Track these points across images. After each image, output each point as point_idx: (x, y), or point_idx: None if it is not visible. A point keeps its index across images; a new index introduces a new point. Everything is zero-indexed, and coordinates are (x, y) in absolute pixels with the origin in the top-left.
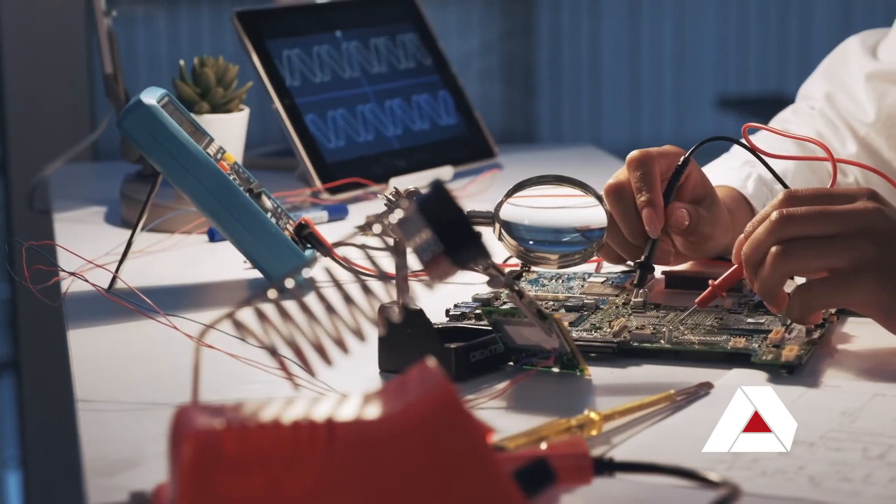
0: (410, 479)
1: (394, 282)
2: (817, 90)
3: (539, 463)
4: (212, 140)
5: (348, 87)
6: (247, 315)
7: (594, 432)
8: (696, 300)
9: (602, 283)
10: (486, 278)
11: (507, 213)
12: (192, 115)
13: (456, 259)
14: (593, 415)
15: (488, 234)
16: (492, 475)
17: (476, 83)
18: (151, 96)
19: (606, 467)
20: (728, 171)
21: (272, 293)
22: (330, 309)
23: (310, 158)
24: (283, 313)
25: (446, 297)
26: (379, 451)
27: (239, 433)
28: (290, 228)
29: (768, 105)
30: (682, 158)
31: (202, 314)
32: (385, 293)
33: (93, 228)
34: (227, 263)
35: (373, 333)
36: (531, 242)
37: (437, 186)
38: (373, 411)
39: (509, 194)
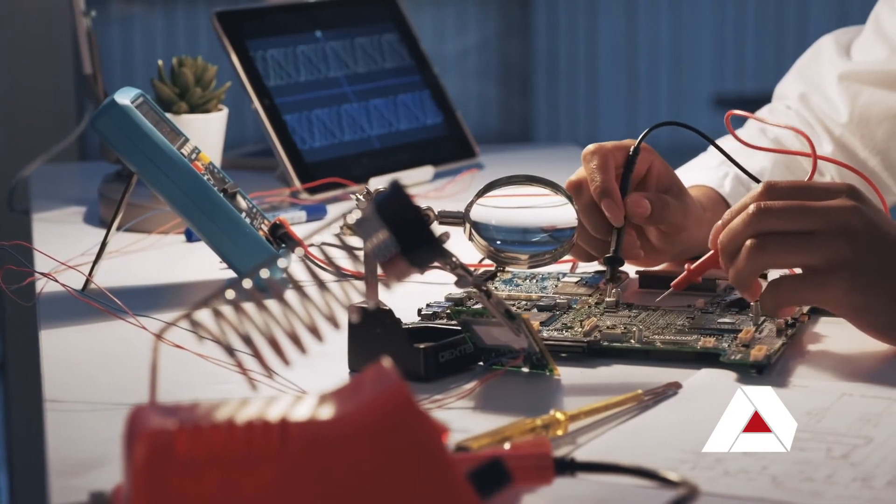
0: (364, 479)
1: (353, 281)
2: (792, 90)
3: (494, 463)
4: (187, 140)
5: (328, 88)
6: (208, 314)
7: (560, 432)
8: (672, 283)
9: (576, 282)
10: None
11: (478, 213)
12: (170, 115)
13: (413, 259)
14: (559, 415)
15: (459, 235)
16: (446, 475)
17: (473, 82)
18: (125, 96)
19: (568, 467)
20: (705, 171)
21: (230, 293)
22: (288, 307)
23: (289, 158)
24: (242, 312)
25: (419, 296)
26: (332, 451)
27: (192, 433)
28: (265, 228)
29: (765, 104)
30: (632, 148)
31: (177, 315)
32: (342, 292)
33: (71, 228)
34: (204, 264)
35: (331, 333)
36: (501, 242)
37: (395, 187)
38: (327, 411)
39: (480, 194)
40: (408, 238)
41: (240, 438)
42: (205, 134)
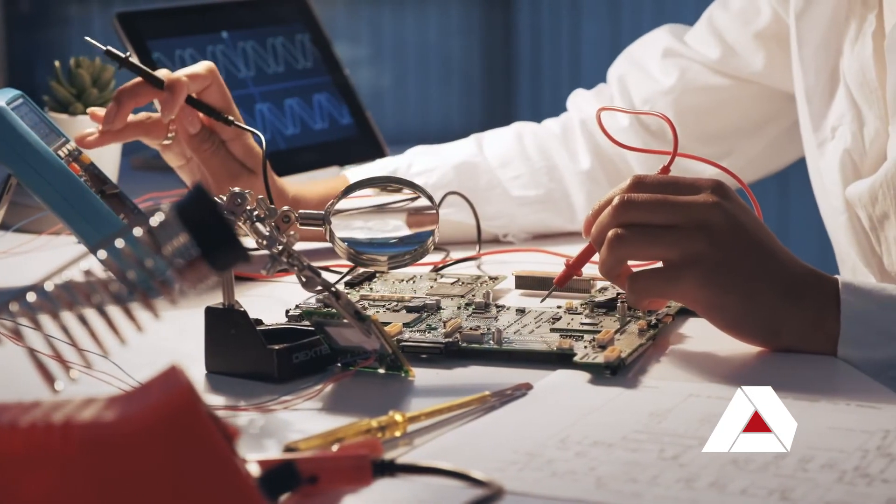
0: (145, 481)
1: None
2: (612, 74)
3: (285, 466)
4: (67, 141)
5: (234, 88)
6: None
7: (398, 433)
8: (555, 280)
9: (452, 283)
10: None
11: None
12: (66, 115)
13: (214, 263)
14: (397, 416)
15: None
16: (230, 478)
17: (456, 83)
18: (1, 98)
19: (387, 469)
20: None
21: (31, 295)
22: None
23: None
24: (55, 314)
25: (290, 298)
26: (114, 453)
27: None
28: None
29: None
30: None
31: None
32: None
33: None
34: (95, 266)
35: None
36: (360, 244)
37: (197, 190)
38: (112, 413)
39: (341, 196)
40: (207, 241)
41: (21, 440)
42: None
